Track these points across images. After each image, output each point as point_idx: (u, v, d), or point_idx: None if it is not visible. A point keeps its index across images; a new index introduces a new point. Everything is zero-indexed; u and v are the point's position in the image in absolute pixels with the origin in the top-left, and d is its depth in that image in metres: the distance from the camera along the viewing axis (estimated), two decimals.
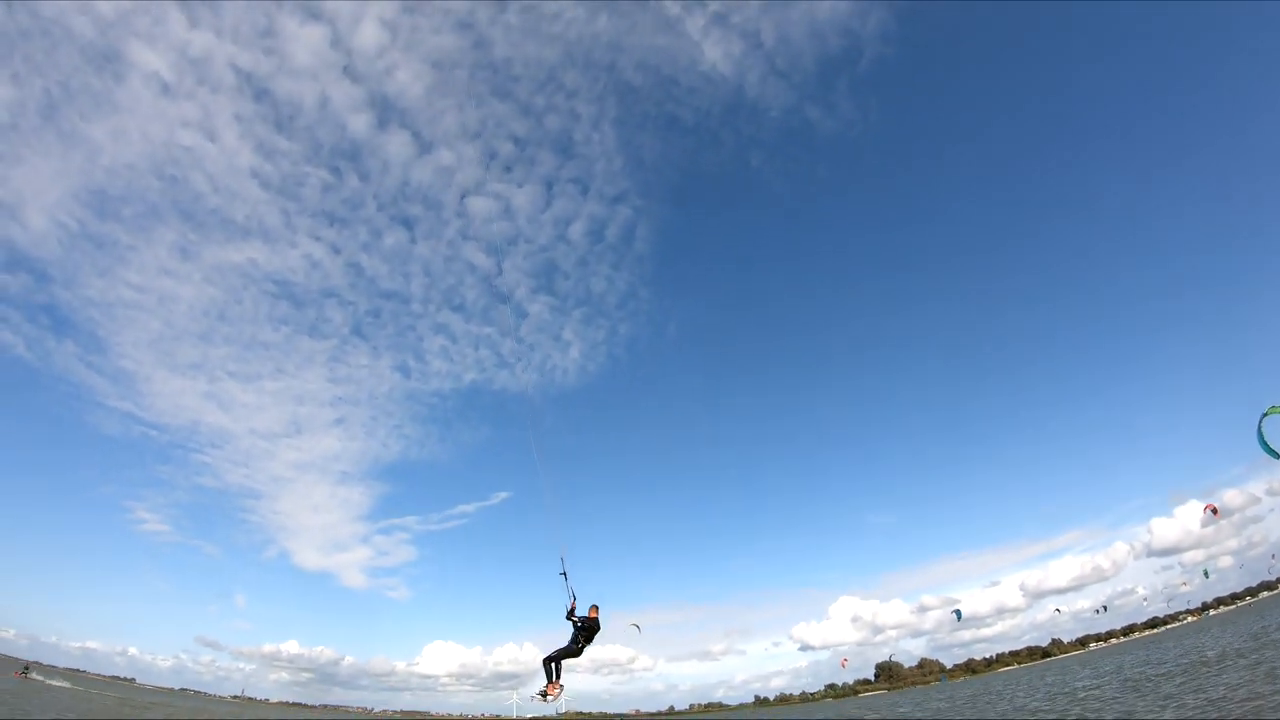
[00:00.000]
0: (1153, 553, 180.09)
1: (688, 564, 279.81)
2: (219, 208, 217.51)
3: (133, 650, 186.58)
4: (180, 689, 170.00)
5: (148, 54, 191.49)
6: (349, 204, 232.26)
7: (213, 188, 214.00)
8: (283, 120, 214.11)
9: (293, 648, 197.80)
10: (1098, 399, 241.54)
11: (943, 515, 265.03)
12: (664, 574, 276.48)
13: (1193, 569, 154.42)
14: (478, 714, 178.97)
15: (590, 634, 16.45)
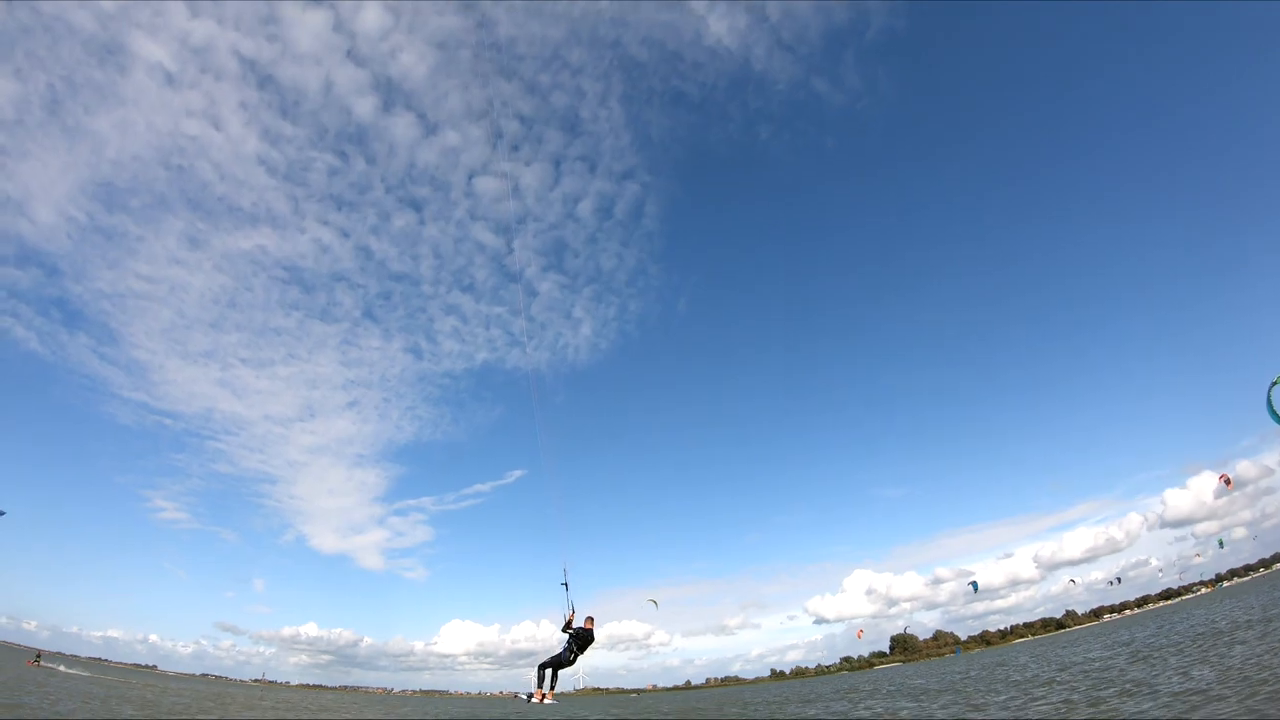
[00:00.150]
0: (1166, 524, 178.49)
1: (702, 539, 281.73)
2: (226, 195, 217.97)
3: (154, 637, 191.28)
4: (201, 674, 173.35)
5: (150, 45, 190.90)
6: (357, 187, 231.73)
7: (220, 176, 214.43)
8: (288, 106, 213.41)
9: (312, 630, 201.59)
10: (1111, 370, 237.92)
11: (956, 487, 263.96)
12: (679, 549, 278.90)
13: (1206, 540, 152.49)
14: (496, 691, 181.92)
15: (584, 645, 17.35)
